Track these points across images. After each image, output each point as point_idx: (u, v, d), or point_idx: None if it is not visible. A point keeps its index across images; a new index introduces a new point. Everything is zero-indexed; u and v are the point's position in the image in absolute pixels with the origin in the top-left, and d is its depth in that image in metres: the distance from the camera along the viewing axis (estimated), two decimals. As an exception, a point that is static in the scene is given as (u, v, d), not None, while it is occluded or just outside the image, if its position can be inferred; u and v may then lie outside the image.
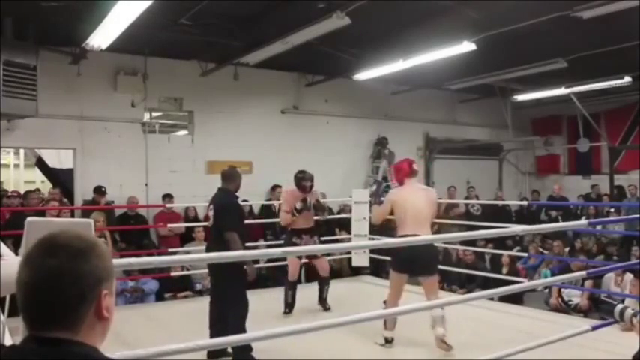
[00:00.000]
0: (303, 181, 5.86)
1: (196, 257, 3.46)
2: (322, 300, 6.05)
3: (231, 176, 4.68)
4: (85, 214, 7.32)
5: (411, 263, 4.41)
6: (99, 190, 7.92)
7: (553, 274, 7.17)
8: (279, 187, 9.17)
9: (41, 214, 6.14)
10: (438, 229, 7.59)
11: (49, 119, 7.71)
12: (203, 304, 4.78)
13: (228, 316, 4.32)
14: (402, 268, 4.54)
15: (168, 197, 8.39)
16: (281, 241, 7.84)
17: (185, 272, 7.11)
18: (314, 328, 2.81)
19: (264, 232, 8.60)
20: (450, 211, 9.97)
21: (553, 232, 8.38)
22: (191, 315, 5.40)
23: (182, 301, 6.98)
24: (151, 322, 5.73)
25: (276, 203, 8.91)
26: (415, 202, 4.57)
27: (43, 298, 1.04)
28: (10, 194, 7.82)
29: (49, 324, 1.05)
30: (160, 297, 7.11)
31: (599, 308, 6.40)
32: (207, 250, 4.62)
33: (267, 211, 8.73)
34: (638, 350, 2.46)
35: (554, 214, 10.87)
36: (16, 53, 6.64)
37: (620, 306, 2.62)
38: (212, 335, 4.17)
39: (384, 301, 4.68)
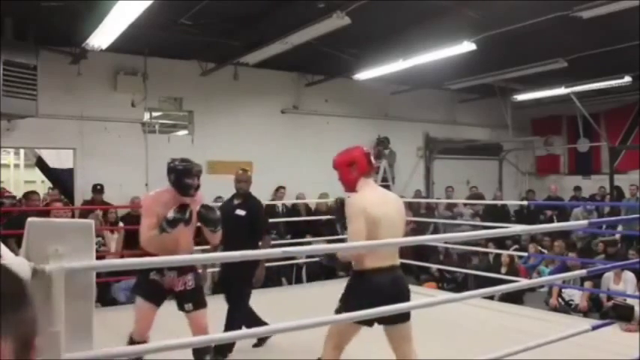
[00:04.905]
0: (187, 176, 3.55)
1: (199, 258, 3.49)
2: None
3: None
4: (85, 213, 7.34)
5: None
6: (95, 189, 7.94)
7: (551, 274, 7.16)
8: (284, 187, 9.17)
9: (43, 214, 6.15)
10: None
11: (49, 119, 7.71)
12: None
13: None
14: None
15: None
16: (284, 240, 7.85)
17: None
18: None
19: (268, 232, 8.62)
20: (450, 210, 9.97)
21: (550, 231, 8.37)
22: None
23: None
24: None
25: (279, 203, 8.91)
26: (390, 216, 3.26)
27: None
28: (6, 195, 7.82)
29: None
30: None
31: (600, 309, 6.41)
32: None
33: (270, 210, 8.75)
34: None
35: (549, 213, 10.89)
36: (16, 53, 6.64)
37: (637, 308, 2.55)
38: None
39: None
